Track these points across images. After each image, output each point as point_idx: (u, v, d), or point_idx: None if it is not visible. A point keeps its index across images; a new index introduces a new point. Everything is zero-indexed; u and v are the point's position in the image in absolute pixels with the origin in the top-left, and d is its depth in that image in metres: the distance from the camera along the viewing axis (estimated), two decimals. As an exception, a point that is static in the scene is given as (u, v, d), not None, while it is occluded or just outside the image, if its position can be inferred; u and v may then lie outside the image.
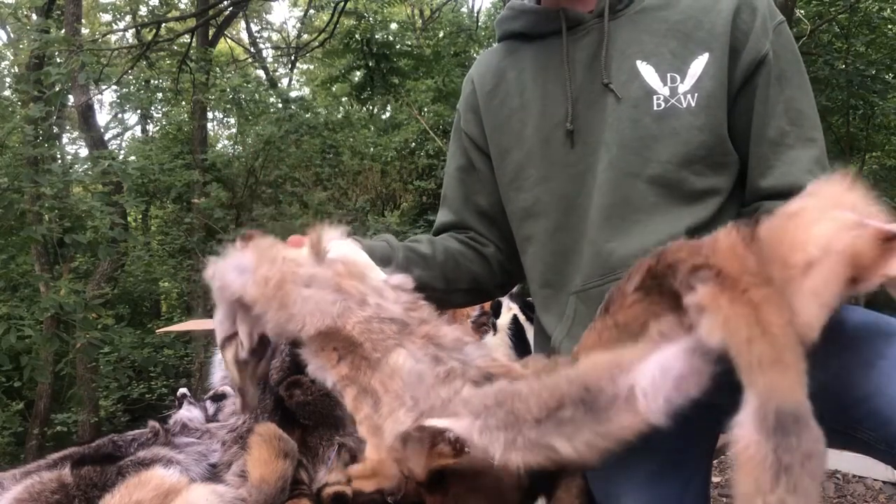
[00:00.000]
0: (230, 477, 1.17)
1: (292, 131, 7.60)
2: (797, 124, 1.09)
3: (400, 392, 0.82)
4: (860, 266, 0.68)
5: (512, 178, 1.24)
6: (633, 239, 1.09)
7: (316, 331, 0.87)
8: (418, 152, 7.69)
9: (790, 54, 1.11)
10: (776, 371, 0.63)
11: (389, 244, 1.18)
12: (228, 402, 1.39)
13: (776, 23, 1.11)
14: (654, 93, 1.10)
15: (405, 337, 0.86)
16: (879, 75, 5.81)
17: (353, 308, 0.87)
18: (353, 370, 0.86)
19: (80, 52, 5.45)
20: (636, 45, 1.13)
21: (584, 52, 1.16)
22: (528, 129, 1.20)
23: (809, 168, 1.07)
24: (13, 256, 5.76)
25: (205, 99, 7.78)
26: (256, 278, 0.89)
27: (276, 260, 0.90)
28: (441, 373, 0.82)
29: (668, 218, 1.09)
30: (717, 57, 1.09)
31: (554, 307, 1.20)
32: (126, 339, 5.86)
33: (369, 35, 7.13)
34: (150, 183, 7.51)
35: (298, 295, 0.87)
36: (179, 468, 1.15)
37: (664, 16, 1.13)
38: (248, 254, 0.93)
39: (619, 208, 1.10)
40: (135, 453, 1.19)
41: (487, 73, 1.29)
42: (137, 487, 1.04)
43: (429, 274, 1.21)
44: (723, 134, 1.10)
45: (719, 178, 1.11)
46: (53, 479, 1.08)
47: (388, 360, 0.84)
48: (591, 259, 1.12)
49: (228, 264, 0.93)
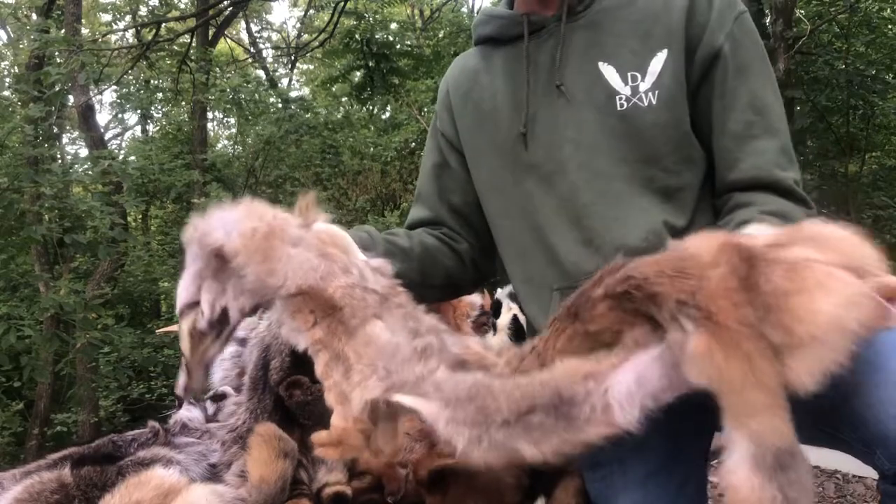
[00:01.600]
0: (230, 477, 1.17)
1: (292, 131, 7.61)
2: (761, 114, 1.09)
3: (373, 361, 0.80)
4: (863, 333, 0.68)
5: (487, 180, 1.26)
6: (614, 235, 1.10)
7: (297, 289, 0.84)
8: (418, 152, 7.68)
9: (752, 45, 1.11)
10: (770, 415, 0.64)
11: (370, 235, 1.19)
12: (228, 403, 1.39)
13: (735, 14, 1.11)
14: (617, 93, 1.11)
15: (385, 309, 0.84)
16: (879, 75, 5.81)
17: (337, 273, 0.85)
18: (328, 335, 0.83)
19: (80, 52, 5.45)
20: (597, 46, 1.14)
21: (545, 56, 1.18)
22: (500, 132, 1.22)
23: (776, 159, 1.08)
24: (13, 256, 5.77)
25: (205, 99, 7.78)
26: (242, 230, 0.86)
27: (264, 216, 0.88)
28: (418, 346, 0.81)
29: (645, 215, 1.10)
30: (674, 53, 1.10)
31: (536, 301, 1.22)
32: (126, 339, 5.86)
33: (369, 35, 7.12)
34: (150, 183, 7.51)
35: (284, 251, 0.85)
36: (179, 468, 1.15)
37: (623, 15, 1.15)
38: (236, 210, 0.90)
39: (591, 207, 1.12)
40: (135, 453, 1.19)
41: (462, 76, 1.32)
42: (137, 487, 1.04)
43: (407, 266, 1.20)
44: (686, 129, 1.11)
45: (689, 173, 1.12)
46: (53, 479, 1.08)
47: (365, 328, 0.82)
48: (574, 256, 1.13)
49: (214, 216, 0.90)
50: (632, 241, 1.09)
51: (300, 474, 1.16)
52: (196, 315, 0.93)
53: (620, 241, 1.09)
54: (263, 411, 1.27)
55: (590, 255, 1.12)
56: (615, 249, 1.08)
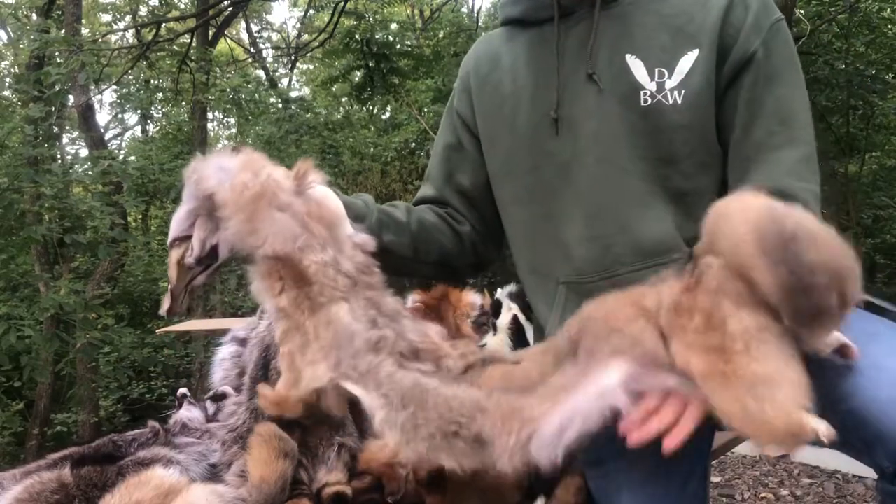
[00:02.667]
0: (230, 477, 1.17)
1: (292, 131, 7.60)
2: (787, 124, 1.07)
3: (327, 346, 0.83)
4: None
5: (502, 164, 1.24)
6: (628, 236, 1.10)
7: (274, 253, 0.86)
8: (418, 152, 7.67)
9: (786, 53, 1.09)
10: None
11: (366, 203, 1.18)
12: (228, 402, 1.39)
13: (772, 20, 1.08)
14: (642, 88, 1.09)
15: (353, 294, 0.87)
16: (879, 75, 5.81)
17: (315, 247, 0.87)
18: (292, 306, 0.86)
19: (80, 52, 5.44)
20: (626, 38, 1.12)
21: (574, 41, 1.16)
22: (520, 116, 1.20)
23: (792, 169, 1.05)
24: (13, 256, 5.76)
25: (205, 99, 7.78)
26: (235, 182, 0.88)
27: (259, 173, 0.90)
28: (373, 337, 0.84)
29: (656, 216, 1.09)
30: (706, 54, 1.07)
31: (541, 293, 1.22)
32: (126, 339, 5.87)
33: (369, 35, 7.11)
34: (150, 183, 7.50)
35: (270, 214, 0.87)
36: (179, 468, 1.15)
37: (656, 9, 1.12)
38: (235, 159, 0.92)
39: (607, 203, 1.11)
40: (135, 453, 1.19)
41: (484, 57, 1.30)
42: (137, 487, 1.04)
43: (399, 240, 1.20)
44: (709, 133, 1.09)
45: (705, 178, 1.10)
46: (53, 479, 1.08)
47: (330, 308, 0.85)
48: (584, 251, 1.13)
49: (212, 161, 0.92)
50: (644, 242, 1.08)
51: (300, 474, 1.16)
52: (186, 248, 0.96)
53: (632, 242, 1.09)
54: (263, 411, 1.27)
55: (599, 253, 1.11)
56: (626, 249, 1.09)
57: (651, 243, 1.08)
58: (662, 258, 1.08)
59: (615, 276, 1.10)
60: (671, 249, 1.08)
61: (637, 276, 1.08)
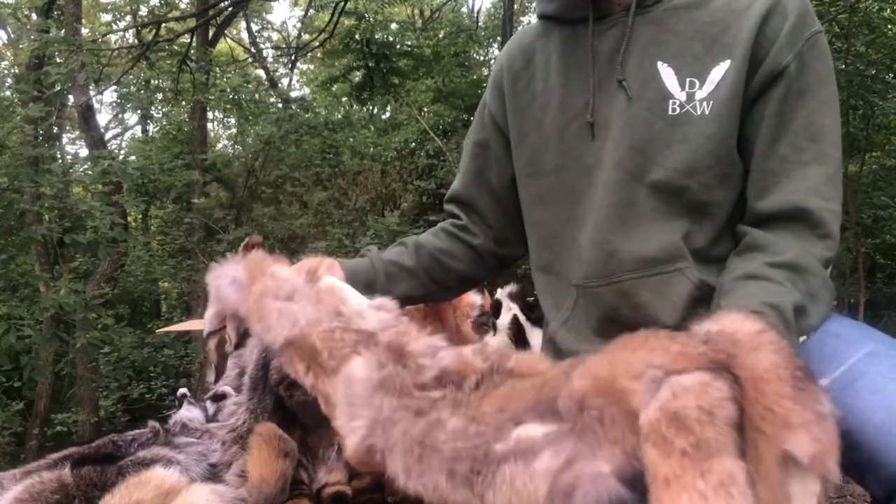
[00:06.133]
0: (230, 477, 1.17)
1: (292, 131, 7.59)
2: (816, 141, 1.04)
3: (347, 402, 0.85)
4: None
5: (527, 162, 1.24)
6: (632, 243, 1.09)
7: (284, 339, 0.92)
8: (418, 152, 7.66)
9: (820, 67, 1.05)
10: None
11: (372, 265, 1.22)
12: (228, 402, 1.39)
13: (809, 33, 1.04)
14: (671, 96, 1.07)
15: (364, 346, 0.88)
16: (879, 75, 5.80)
17: (322, 319, 0.91)
18: (315, 379, 0.91)
19: (80, 52, 5.44)
20: (660, 44, 1.10)
21: (606, 45, 1.14)
22: (549, 116, 1.20)
23: (816, 187, 1.02)
24: (13, 256, 5.75)
25: (205, 99, 7.77)
26: (250, 295, 1.01)
27: (261, 279, 1.01)
28: (374, 379, 0.83)
29: (666, 226, 1.08)
30: (737, 64, 1.04)
31: (552, 293, 1.23)
32: (126, 339, 5.86)
33: (369, 35, 7.11)
34: (150, 183, 7.50)
35: (274, 307, 0.94)
36: (179, 468, 1.15)
37: (692, 16, 1.09)
38: (242, 267, 1.06)
39: (619, 209, 1.10)
40: (135, 453, 1.19)
41: (518, 52, 1.29)
42: (137, 487, 1.04)
43: (413, 284, 1.26)
44: (732, 145, 1.07)
45: (724, 190, 1.08)
46: (53, 479, 1.08)
47: (346, 367, 0.87)
48: (591, 255, 1.13)
49: (225, 274, 1.09)
50: (647, 251, 1.08)
51: (300, 474, 1.16)
52: (220, 337, 1.20)
53: (635, 249, 1.08)
54: (263, 411, 1.27)
55: (604, 259, 1.11)
56: (628, 256, 1.09)
57: (654, 252, 1.08)
58: (665, 267, 1.07)
59: (617, 283, 1.10)
60: (675, 258, 1.07)
61: (639, 283, 1.08)
